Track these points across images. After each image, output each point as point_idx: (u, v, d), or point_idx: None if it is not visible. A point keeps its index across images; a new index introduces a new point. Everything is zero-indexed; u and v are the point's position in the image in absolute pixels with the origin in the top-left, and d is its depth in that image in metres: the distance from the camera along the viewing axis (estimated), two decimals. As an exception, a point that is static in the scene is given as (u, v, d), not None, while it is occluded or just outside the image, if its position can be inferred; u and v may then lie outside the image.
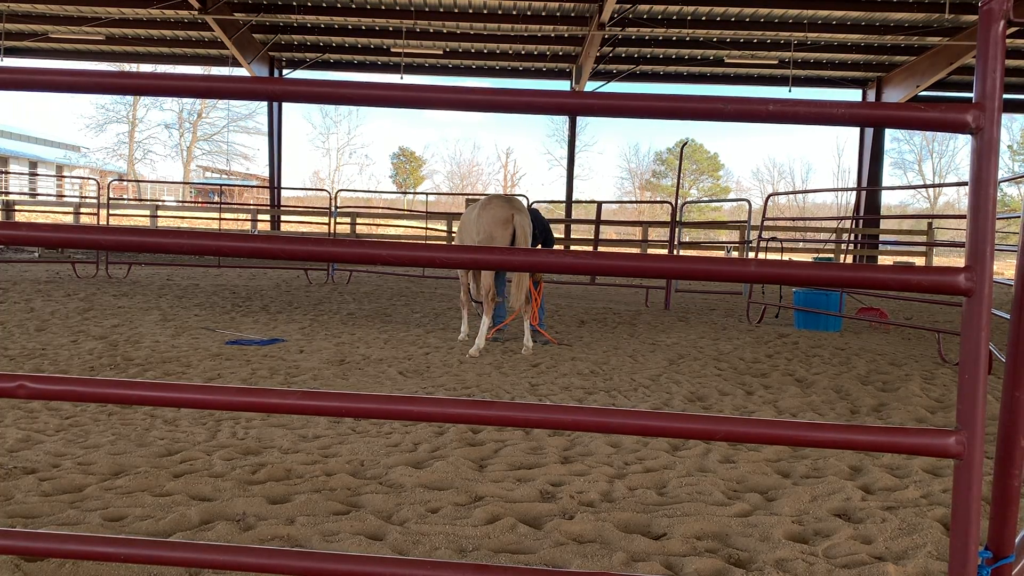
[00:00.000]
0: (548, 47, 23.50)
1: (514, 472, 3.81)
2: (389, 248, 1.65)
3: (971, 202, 1.49)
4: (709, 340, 8.63)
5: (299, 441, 4.25)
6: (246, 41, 22.66)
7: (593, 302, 12.97)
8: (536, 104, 1.61)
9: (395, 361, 6.78)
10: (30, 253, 18.53)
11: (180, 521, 3.04)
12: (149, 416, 4.68)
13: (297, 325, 8.82)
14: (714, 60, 23.44)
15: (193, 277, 15.18)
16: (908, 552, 2.95)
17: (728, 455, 4.20)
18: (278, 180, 26.23)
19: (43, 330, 7.76)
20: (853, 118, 1.57)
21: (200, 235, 1.69)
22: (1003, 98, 1.51)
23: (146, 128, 55.01)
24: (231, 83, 1.72)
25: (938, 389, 6.15)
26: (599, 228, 17.91)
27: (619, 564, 2.78)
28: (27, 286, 11.94)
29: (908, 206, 50.72)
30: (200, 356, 6.66)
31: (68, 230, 1.77)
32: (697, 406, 5.50)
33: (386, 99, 1.62)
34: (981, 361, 1.51)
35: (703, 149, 56.96)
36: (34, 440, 4.10)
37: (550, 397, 5.61)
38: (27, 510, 3.10)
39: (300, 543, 2.89)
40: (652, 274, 1.66)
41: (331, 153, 68.44)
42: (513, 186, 57.36)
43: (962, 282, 1.50)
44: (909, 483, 3.76)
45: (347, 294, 12.81)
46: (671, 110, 1.59)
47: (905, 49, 22.37)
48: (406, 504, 3.31)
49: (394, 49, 23.76)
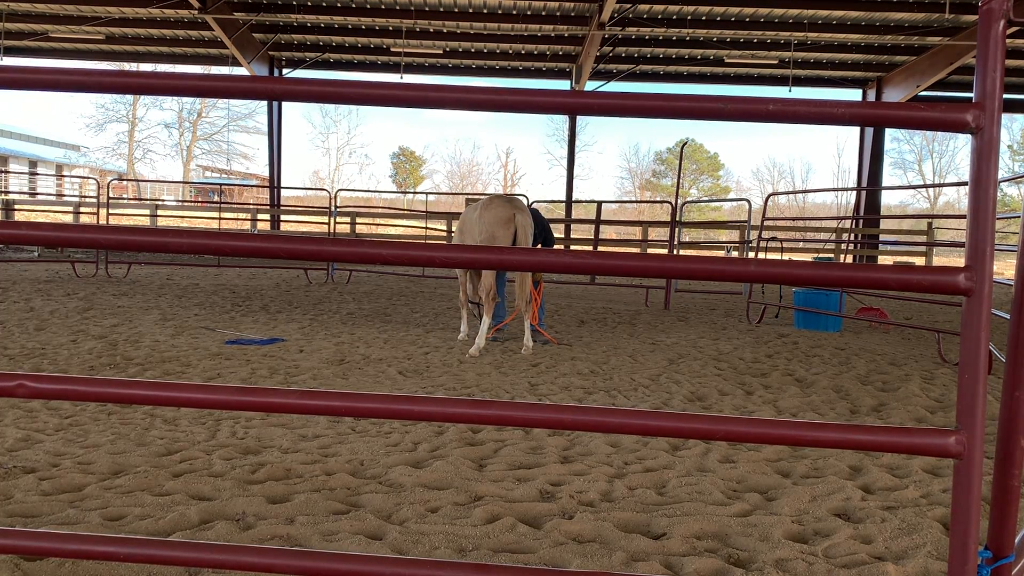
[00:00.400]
0: (548, 47, 23.49)
1: (514, 472, 3.81)
2: (389, 247, 1.65)
3: (971, 201, 1.49)
4: (709, 340, 8.63)
5: (299, 441, 4.25)
6: (246, 41, 22.64)
7: (593, 302, 12.97)
8: (536, 103, 1.61)
9: (395, 361, 6.78)
10: (30, 252, 18.53)
11: (180, 521, 3.04)
12: (149, 416, 4.68)
13: (297, 325, 8.82)
14: (714, 60, 23.43)
15: (193, 277, 15.18)
16: (908, 552, 2.95)
17: (728, 455, 4.20)
18: (278, 180, 26.21)
19: (43, 329, 7.76)
20: (853, 117, 1.57)
21: (199, 234, 1.69)
22: (1003, 98, 1.51)
23: (146, 127, 55.03)
24: (231, 82, 1.72)
25: (938, 389, 6.15)
26: (599, 228, 17.90)
27: (619, 564, 2.78)
28: (27, 285, 11.94)
29: (908, 206, 50.73)
30: (200, 356, 6.66)
31: (67, 229, 1.77)
32: (697, 406, 5.50)
33: (386, 98, 1.62)
34: (981, 361, 1.50)
35: (703, 149, 56.97)
36: (34, 439, 4.10)
37: (550, 397, 5.61)
38: (27, 509, 3.10)
39: (300, 543, 2.89)
40: (652, 274, 1.66)
41: (331, 153, 68.56)
42: (513, 186, 57.35)
43: (962, 282, 1.50)
44: (909, 483, 3.76)
45: (347, 294, 12.81)
46: (671, 109, 1.59)
47: (905, 49, 22.36)
48: (406, 504, 3.31)
49: (394, 49, 23.74)
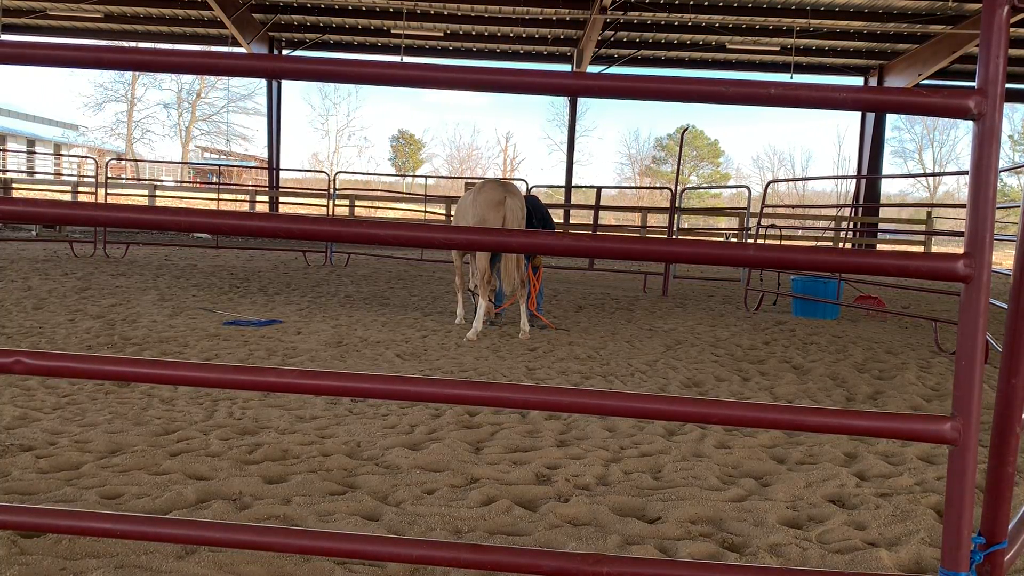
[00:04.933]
0: (549, 30, 23.38)
1: (510, 455, 3.82)
2: (387, 228, 1.64)
3: (971, 189, 1.49)
4: (706, 326, 8.64)
5: (296, 422, 4.26)
6: (245, 21, 22.49)
7: (591, 287, 12.97)
8: (537, 84, 1.60)
9: (393, 344, 6.79)
10: (27, 231, 18.49)
11: (177, 499, 3.05)
12: (146, 395, 4.69)
13: (295, 307, 8.82)
14: (716, 46, 23.34)
15: (191, 258, 15.16)
16: (901, 538, 2.97)
17: (723, 440, 4.21)
18: (277, 161, 26.15)
19: (40, 308, 7.75)
20: (855, 102, 1.56)
21: (197, 212, 1.68)
22: (1005, 87, 1.50)
23: (145, 108, 54.81)
24: (231, 60, 1.71)
25: (934, 378, 6.17)
26: (598, 213, 17.85)
27: (613, 547, 2.79)
28: (24, 264, 11.92)
29: (908, 195, 50.62)
30: (197, 336, 6.66)
31: (65, 206, 1.76)
32: (693, 392, 5.51)
33: (386, 78, 1.60)
34: (978, 348, 1.50)
35: (703, 135, 56.74)
36: (31, 418, 4.10)
37: (547, 381, 5.62)
38: (24, 487, 3.11)
39: (296, 523, 2.90)
40: (651, 257, 1.65)
41: (330, 135, 68.25)
42: (513, 171, 57.15)
43: (960, 269, 1.49)
44: (903, 470, 3.78)
45: (345, 276, 12.79)
46: (672, 92, 1.58)
47: (908, 37, 22.26)
48: (402, 485, 3.32)
49: (394, 31, 23.61)
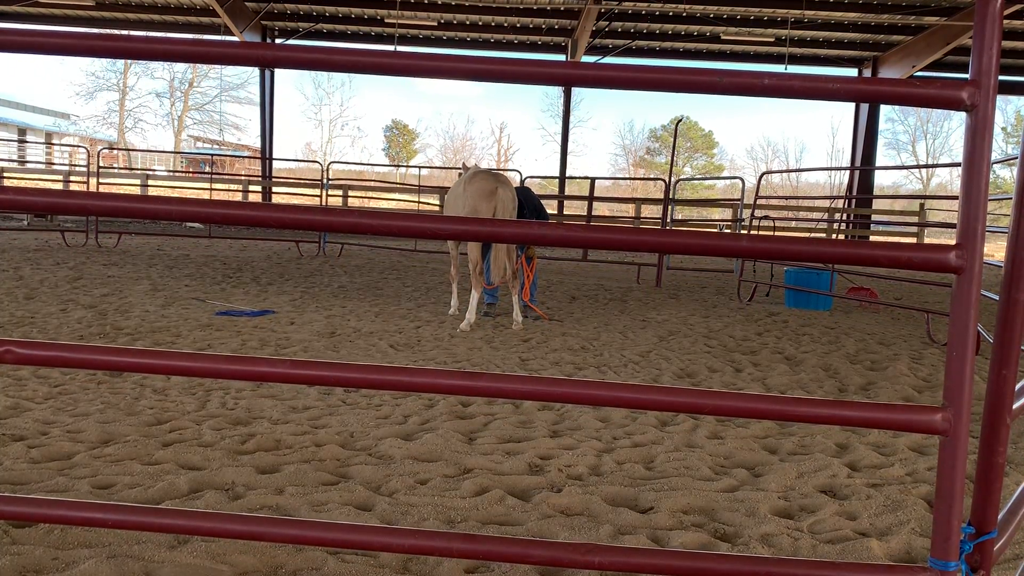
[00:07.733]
0: (544, 20, 23.30)
1: (503, 445, 3.83)
2: (379, 218, 1.64)
3: (964, 180, 1.49)
4: (699, 318, 8.65)
5: (289, 412, 4.26)
6: (238, 9, 22.35)
7: (584, 278, 12.98)
8: (530, 74, 1.59)
9: (386, 334, 6.78)
10: (19, 221, 18.39)
11: (169, 489, 3.04)
12: (138, 385, 4.68)
13: (288, 297, 8.80)
14: (710, 37, 23.30)
15: (183, 247, 15.11)
16: (892, 528, 2.99)
17: (716, 431, 4.22)
18: (270, 151, 26.04)
19: (32, 298, 7.72)
20: (848, 93, 1.56)
21: (190, 202, 1.67)
22: (998, 78, 1.50)
23: (137, 96, 54.26)
24: (223, 48, 1.70)
25: (926, 369, 6.20)
26: (592, 205, 17.82)
27: (606, 537, 2.80)
28: (16, 254, 11.86)
29: (901, 187, 50.74)
30: (190, 326, 6.65)
31: (56, 195, 1.75)
32: (686, 382, 5.52)
33: (379, 66, 1.60)
34: (969, 339, 1.51)
35: (698, 127, 56.70)
36: (22, 408, 4.09)
37: (540, 372, 5.62)
38: (16, 477, 3.10)
39: (289, 513, 2.90)
40: (645, 248, 1.65)
41: (323, 125, 67.83)
42: (507, 161, 57.03)
43: (952, 260, 1.50)
44: (895, 461, 3.80)
45: (338, 267, 12.77)
46: (666, 82, 1.57)
47: (902, 29, 22.27)
48: (395, 475, 3.33)
49: (388, 20, 23.49)
